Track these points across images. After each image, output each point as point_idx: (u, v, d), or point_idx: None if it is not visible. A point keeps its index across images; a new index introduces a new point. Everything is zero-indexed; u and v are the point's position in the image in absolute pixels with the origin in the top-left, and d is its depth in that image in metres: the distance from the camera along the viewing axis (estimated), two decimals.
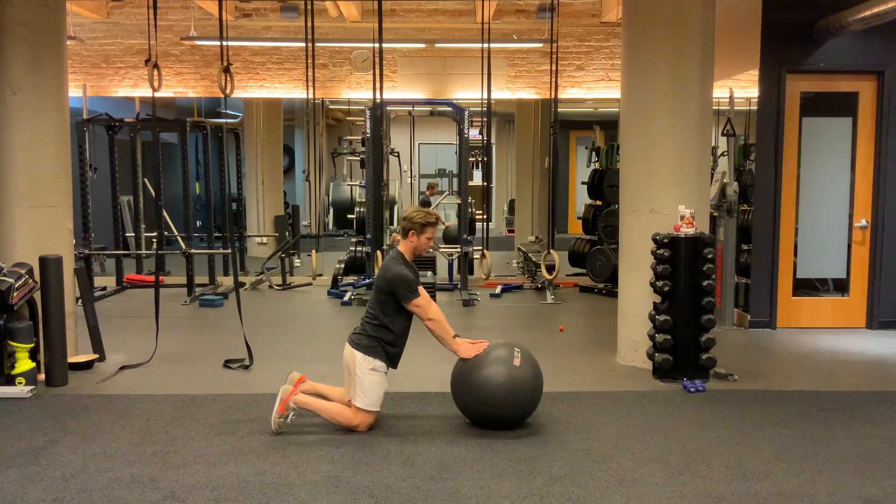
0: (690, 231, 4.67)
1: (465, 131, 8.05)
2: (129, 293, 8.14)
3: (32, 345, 4.51)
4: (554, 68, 7.43)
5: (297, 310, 7.37)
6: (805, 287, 6.49)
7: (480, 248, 8.29)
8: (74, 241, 5.36)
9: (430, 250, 8.93)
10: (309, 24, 7.47)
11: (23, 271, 4.51)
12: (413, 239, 3.82)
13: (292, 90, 9.09)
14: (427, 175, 14.31)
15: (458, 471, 3.26)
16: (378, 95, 7.50)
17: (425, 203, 10.91)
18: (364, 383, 3.69)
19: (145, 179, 8.81)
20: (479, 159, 10.12)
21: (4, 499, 2.99)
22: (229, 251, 8.12)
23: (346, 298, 7.50)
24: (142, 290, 8.16)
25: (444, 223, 8.28)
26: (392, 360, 3.80)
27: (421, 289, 3.75)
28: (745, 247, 6.53)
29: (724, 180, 6.36)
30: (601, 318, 6.70)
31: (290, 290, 8.40)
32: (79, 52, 8.75)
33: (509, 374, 3.67)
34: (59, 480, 3.16)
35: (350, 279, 8.28)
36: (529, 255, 9.18)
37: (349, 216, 9.31)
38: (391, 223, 10.52)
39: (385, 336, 3.74)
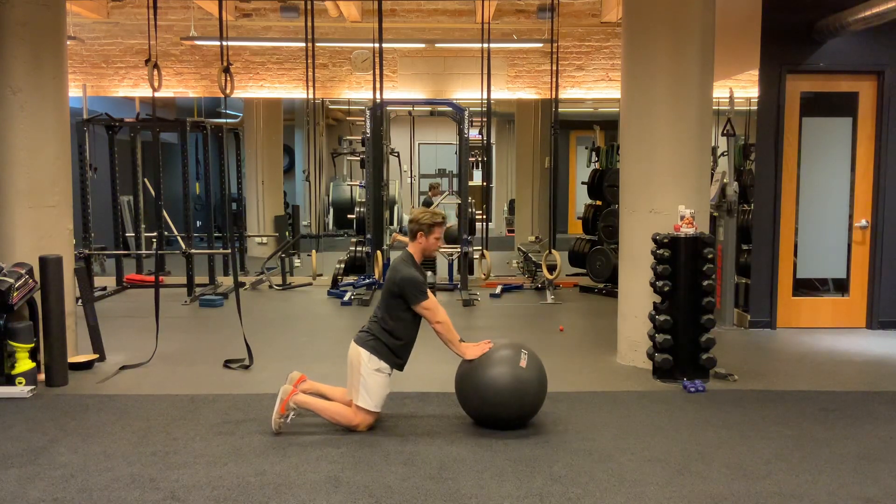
0: (690, 231, 4.67)
1: (465, 131, 8.05)
2: (129, 293, 8.14)
3: (32, 345, 4.51)
4: (554, 68, 7.43)
5: (297, 310, 7.37)
6: (805, 287, 6.49)
7: (480, 248, 8.29)
8: (74, 241, 5.36)
9: None
10: (309, 24, 7.47)
11: (23, 271, 4.51)
12: (421, 240, 3.81)
13: (292, 90, 9.09)
14: (427, 175, 14.30)
15: (458, 471, 3.26)
16: (378, 95, 7.52)
17: (427, 203, 10.99)
18: (368, 383, 3.69)
19: (145, 179, 8.81)
20: (479, 159, 10.12)
21: (4, 499, 2.99)
22: (229, 251, 8.12)
23: (346, 298, 7.50)
24: (142, 290, 8.16)
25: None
26: (397, 365, 3.79)
27: (430, 292, 3.75)
28: (745, 247, 6.53)
29: (724, 180, 6.36)
30: (601, 318, 6.70)
31: (290, 290, 8.39)
32: (79, 52, 8.75)
33: (514, 375, 3.67)
34: (59, 480, 3.16)
35: (350, 279, 8.28)
36: (529, 255, 9.18)
37: (349, 216, 9.30)
38: (391, 223, 10.53)
39: (390, 341, 3.73)
